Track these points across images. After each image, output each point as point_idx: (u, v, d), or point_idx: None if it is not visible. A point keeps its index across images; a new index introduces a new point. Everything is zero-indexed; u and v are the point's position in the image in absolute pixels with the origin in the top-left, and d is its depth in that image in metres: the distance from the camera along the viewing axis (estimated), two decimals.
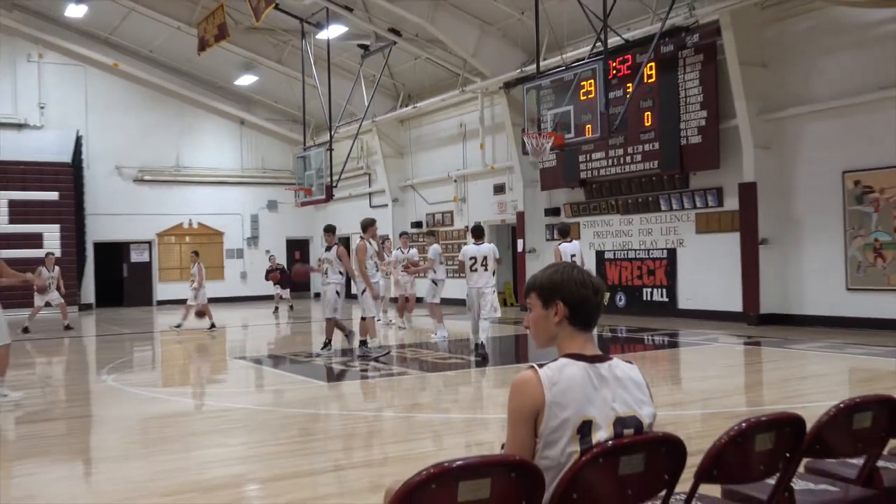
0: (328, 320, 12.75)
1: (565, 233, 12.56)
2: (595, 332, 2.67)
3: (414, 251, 17.26)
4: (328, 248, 12.83)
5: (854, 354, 11.02)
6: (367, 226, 12.17)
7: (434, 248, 15.30)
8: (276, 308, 22.31)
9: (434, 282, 15.04)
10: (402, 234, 17.54)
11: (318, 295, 23.33)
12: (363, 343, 12.00)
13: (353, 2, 19.37)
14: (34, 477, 5.84)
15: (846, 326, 13.85)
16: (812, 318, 14.57)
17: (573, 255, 11.97)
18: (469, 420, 7.74)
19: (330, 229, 12.99)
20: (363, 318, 12.08)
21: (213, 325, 17.51)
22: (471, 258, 11.28)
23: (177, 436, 7.17)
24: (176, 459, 6.20)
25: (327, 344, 12.69)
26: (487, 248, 11.41)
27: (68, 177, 25.37)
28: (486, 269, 11.25)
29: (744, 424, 2.51)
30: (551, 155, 15.54)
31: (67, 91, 26.21)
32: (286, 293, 22.78)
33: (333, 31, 20.07)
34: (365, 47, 20.86)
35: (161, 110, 27.69)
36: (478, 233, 11.72)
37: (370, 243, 12.26)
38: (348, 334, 12.70)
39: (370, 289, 12.00)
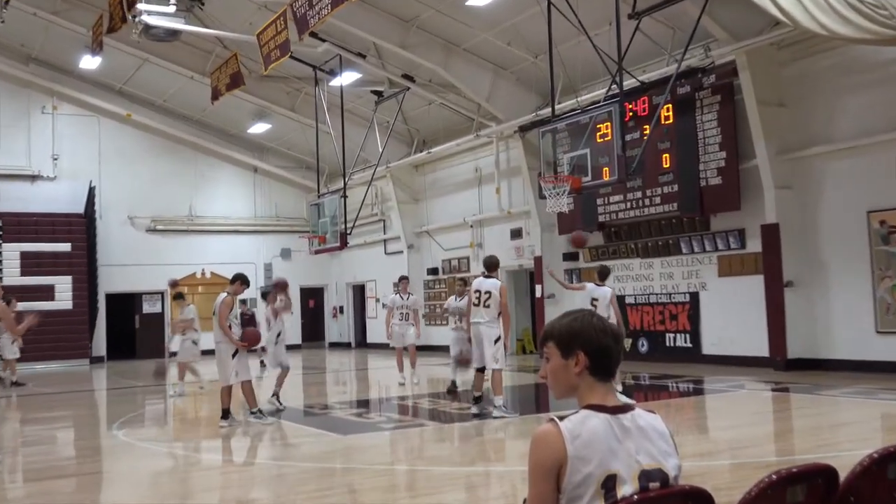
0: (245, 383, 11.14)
1: (604, 276, 12.37)
2: (619, 376, 2.61)
3: (415, 298, 15.90)
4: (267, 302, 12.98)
5: (887, 400, 10.86)
6: (234, 280, 11.10)
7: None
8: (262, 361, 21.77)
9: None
10: (402, 278, 16.24)
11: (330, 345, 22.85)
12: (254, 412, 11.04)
13: (366, 49, 19.54)
14: None
15: (877, 371, 13.63)
16: (841, 363, 14.38)
17: (594, 300, 11.85)
18: (488, 473, 7.67)
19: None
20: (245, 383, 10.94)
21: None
22: (475, 291, 10.71)
23: (191, 492, 7.11)
24: None
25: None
26: (490, 283, 10.66)
27: (81, 227, 25.65)
28: (486, 307, 10.50)
29: (774, 476, 2.43)
30: (569, 198, 15.11)
31: (81, 142, 26.60)
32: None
33: (347, 78, 20.30)
34: (378, 93, 21.05)
35: (174, 159, 28.03)
36: (490, 265, 10.97)
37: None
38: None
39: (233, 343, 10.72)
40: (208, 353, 13.04)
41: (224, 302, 10.60)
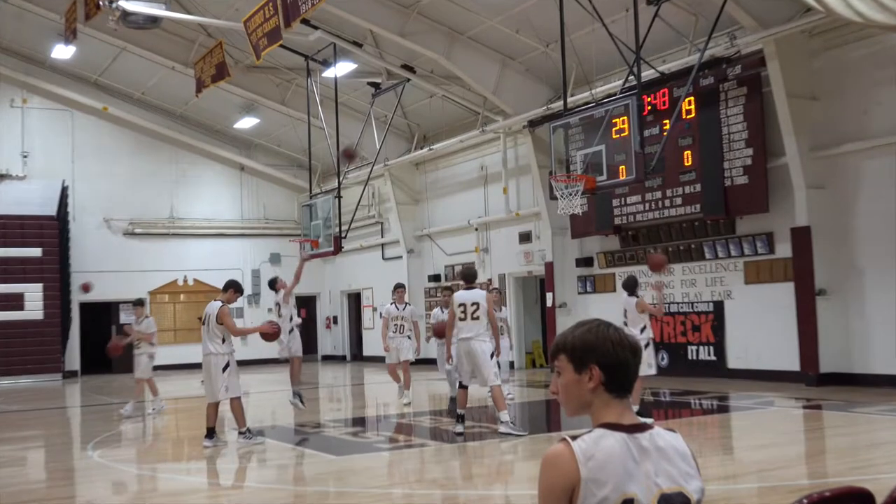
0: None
1: (632, 287, 12.03)
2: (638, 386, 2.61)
3: (412, 308, 15.63)
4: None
5: None
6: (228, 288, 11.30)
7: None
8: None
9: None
10: (397, 286, 15.73)
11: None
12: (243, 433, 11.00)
13: (363, 37, 19.66)
14: None
15: None
16: (878, 378, 14.35)
17: (626, 311, 11.63)
18: (495, 497, 7.68)
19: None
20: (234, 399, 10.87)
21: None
22: (459, 305, 10.74)
23: None
24: None
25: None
26: (476, 294, 10.83)
27: (53, 231, 25.63)
28: (476, 319, 10.62)
29: (805, 500, 2.38)
30: (582, 199, 14.88)
31: (53, 138, 26.65)
32: None
33: (341, 69, 20.31)
34: (376, 85, 21.09)
35: (154, 157, 27.95)
36: (467, 276, 11.21)
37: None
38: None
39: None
40: (165, 368, 12.75)
41: (223, 311, 10.62)
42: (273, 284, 13.77)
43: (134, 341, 14.90)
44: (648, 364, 11.11)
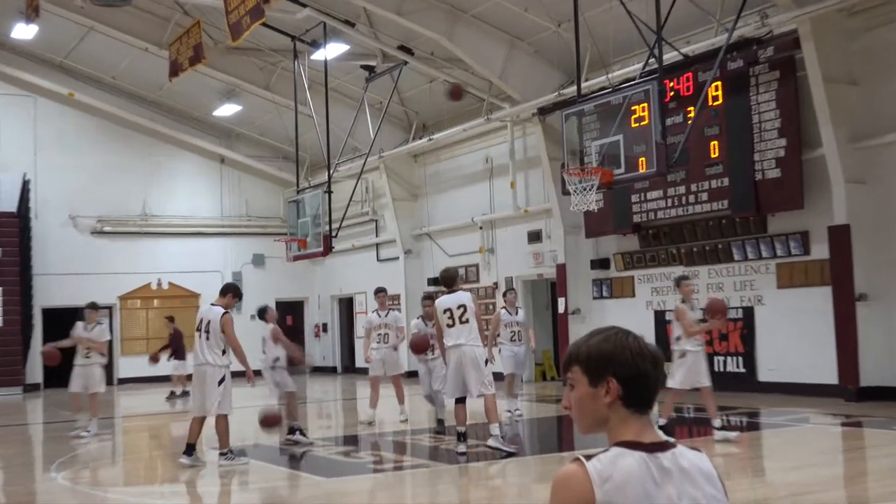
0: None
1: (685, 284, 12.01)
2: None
3: (396, 314, 15.39)
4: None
5: None
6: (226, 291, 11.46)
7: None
8: (172, 392, 21.48)
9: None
10: (378, 290, 15.39)
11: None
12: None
13: (356, 15, 19.53)
14: None
15: None
16: None
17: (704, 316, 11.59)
18: None
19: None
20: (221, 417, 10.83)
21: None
22: (444, 311, 10.77)
23: None
24: None
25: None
26: (461, 296, 10.84)
27: (13, 229, 25.52)
28: (465, 323, 10.65)
29: None
30: (598, 194, 15.05)
31: (13, 127, 26.53)
32: (180, 366, 21.29)
33: (332, 51, 20.20)
34: (370, 69, 21.03)
35: (125, 148, 27.74)
36: (448, 280, 11.13)
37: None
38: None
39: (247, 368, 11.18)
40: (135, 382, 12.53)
41: (226, 319, 10.64)
42: (262, 314, 13.38)
43: (82, 350, 14.46)
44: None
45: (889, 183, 14.94)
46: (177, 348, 21.69)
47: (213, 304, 11.05)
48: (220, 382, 10.56)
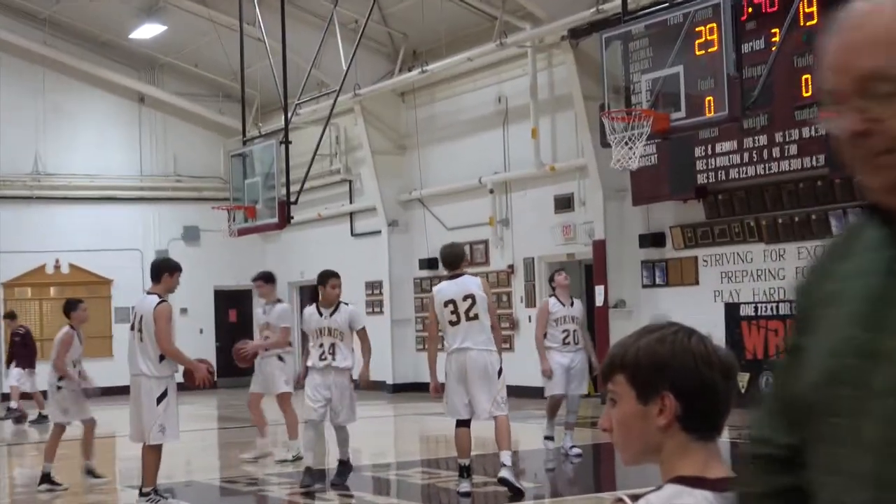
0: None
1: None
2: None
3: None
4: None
5: None
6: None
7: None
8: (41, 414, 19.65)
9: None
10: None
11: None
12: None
13: None
14: None
15: None
16: None
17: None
18: None
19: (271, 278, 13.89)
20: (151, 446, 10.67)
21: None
22: (446, 303, 10.39)
23: None
24: None
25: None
26: (467, 282, 10.55)
27: None
28: (473, 319, 10.32)
29: None
30: (649, 147, 15.61)
31: None
32: (31, 382, 20.19)
33: None
34: None
35: (10, 84, 26.20)
36: (450, 259, 10.91)
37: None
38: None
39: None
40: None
41: (160, 311, 10.22)
42: (270, 278, 14.21)
43: None
44: None
45: None
46: (23, 354, 20.76)
47: (148, 293, 10.76)
48: (160, 400, 10.29)
